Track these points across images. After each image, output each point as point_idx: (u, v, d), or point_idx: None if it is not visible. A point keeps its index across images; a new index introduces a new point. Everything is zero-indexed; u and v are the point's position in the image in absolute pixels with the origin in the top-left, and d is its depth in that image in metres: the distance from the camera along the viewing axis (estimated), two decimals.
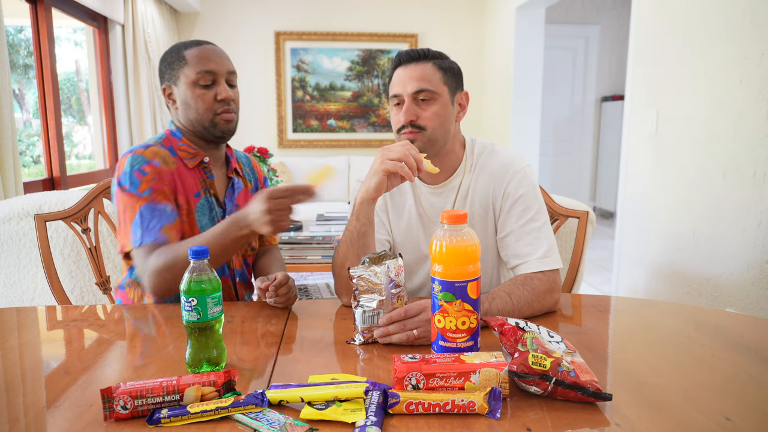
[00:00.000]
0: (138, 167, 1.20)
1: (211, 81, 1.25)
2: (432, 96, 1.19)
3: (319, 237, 2.49)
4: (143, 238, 1.16)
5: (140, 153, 1.23)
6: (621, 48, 5.61)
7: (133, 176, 1.20)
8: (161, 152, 1.25)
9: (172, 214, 1.22)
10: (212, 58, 1.25)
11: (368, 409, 0.72)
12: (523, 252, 1.20)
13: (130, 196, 1.19)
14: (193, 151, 1.30)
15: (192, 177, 1.29)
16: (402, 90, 1.20)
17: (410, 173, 1.09)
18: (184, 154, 1.29)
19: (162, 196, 1.21)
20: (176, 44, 1.30)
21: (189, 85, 1.25)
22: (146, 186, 1.19)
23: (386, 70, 5.08)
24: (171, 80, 1.28)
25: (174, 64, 1.27)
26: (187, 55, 1.25)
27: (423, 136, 1.20)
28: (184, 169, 1.28)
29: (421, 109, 1.20)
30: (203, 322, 0.85)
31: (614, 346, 1.03)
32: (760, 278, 1.97)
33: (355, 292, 1.00)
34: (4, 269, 1.83)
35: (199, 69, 1.23)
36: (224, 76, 1.26)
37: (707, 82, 2.24)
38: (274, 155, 4.48)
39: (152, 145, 1.26)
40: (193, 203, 1.27)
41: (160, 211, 1.19)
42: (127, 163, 1.21)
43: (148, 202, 1.18)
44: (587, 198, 6.03)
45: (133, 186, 1.19)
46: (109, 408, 0.72)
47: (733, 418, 0.72)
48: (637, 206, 2.78)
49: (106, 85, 3.77)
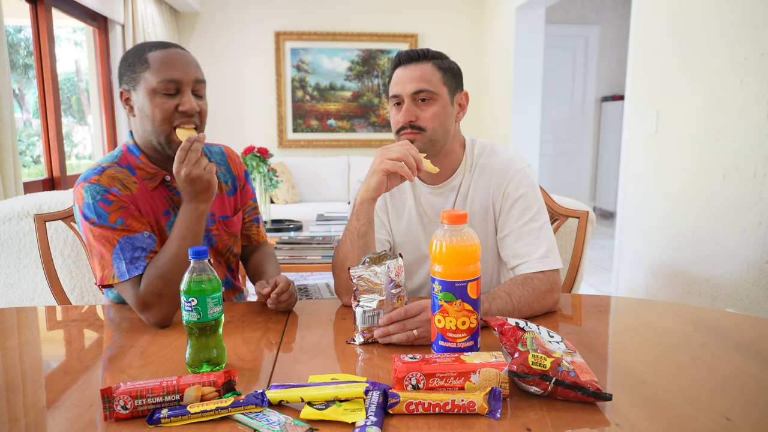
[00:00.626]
0: (99, 197, 1.10)
1: (175, 90, 1.12)
2: (431, 96, 1.19)
3: (319, 237, 2.49)
4: (130, 272, 1.09)
5: (96, 181, 1.12)
6: (621, 48, 5.61)
7: (98, 208, 1.10)
8: (118, 176, 1.15)
9: (150, 240, 1.13)
10: (177, 65, 1.12)
11: (368, 409, 0.72)
12: (523, 252, 1.20)
13: (103, 228, 1.10)
14: (152, 171, 1.19)
15: (157, 195, 1.20)
16: (401, 90, 1.20)
17: (410, 173, 1.09)
18: (143, 173, 1.19)
19: (136, 222, 1.13)
20: (140, 44, 1.17)
21: (149, 92, 1.12)
22: (116, 216, 1.10)
23: (386, 70, 5.08)
24: (129, 83, 1.15)
25: (135, 66, 1.13)
26: (150, 59, 1.12)
27: (423, 137, 1.20)
28: (146, 190, 1.19)
29: (420, 109, 1.19)
30: (203, 322, 0.85)
31: (614, 346, 1.03)
32: (760, 278, 1.97)
33: (356, 292, 1.00)
34: (4, 269, 1.83)
35: (161, 77, 1.11)
36: (190, 86, 1.14)
37: (707, 82, 2.24)
38: (274, 155, 4.48)
39: (107, 168, 1.15)
40: (163, 221, 1.20)
41: (139, 240, 1.11)
42: (86, 194, 1.11)
43: (124, 234, 1.10)
44: (587, 198, 6.03)
45: (102, 219, 1.10)
46: (109, 408, 0.72)
47: (733, 418, 0.72)
48: (637, 206, 2.78)
49: (106, 85, 3.77)
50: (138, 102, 1.14)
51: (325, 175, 4.81)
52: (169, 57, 1.13)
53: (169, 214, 1.22)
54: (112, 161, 1.18)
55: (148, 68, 1.12)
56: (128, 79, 1.15)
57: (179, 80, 1.12)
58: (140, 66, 1.13)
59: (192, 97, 1.14)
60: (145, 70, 1.12)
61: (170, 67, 1.12)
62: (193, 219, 1.11)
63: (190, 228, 1.11)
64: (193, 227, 1.11)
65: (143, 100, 1.13)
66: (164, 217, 1.21)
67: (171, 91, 1.12)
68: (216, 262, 1.34)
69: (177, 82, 1.12)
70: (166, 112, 1.12)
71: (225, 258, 1.37)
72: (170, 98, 1.12)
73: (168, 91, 1.12)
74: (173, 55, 1.14)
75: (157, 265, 1.09)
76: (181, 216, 1.11)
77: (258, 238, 1.47)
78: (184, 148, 1.06)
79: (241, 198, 1.40)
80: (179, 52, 1.16)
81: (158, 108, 1.12)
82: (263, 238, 1.49)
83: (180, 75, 1.12)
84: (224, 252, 1.35)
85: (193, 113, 1.14)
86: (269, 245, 1.52)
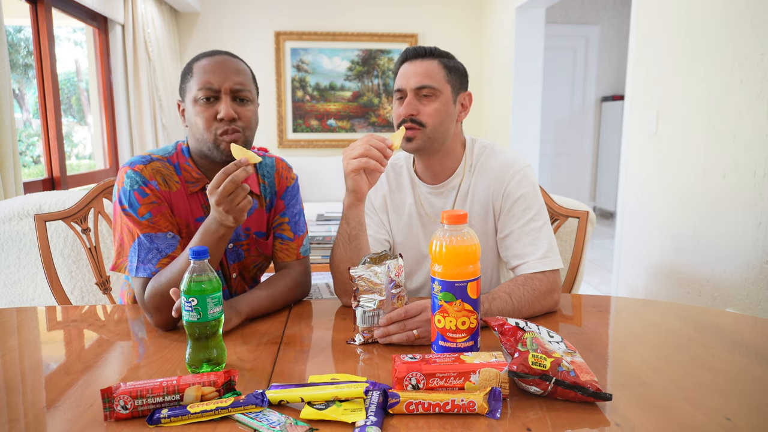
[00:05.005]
0: (137, 187, 1.11)
1: (214, 97, 1.11)
2: (434, 92, 1.20)
3: (319, 237, 2.49)
4: (138, 271, 1.09)
5: (140, 170, 1.12)
6: (621, 48, 5.61)
7: (131, 197, 1.10)
8: (163, 170, 1.15)
9: (173, 242, 1.12)
10: (216, 71, 1.11)
11: (368, 409, 0.72)
12: (523, 252, 1.20)
13: (130, 217, 1.10)
14: (197, 176, 1.18)
15: (194, 200, 1.19)
16: (405, 84, 1.21)
17: (377, 164, 1.10)
18: (187, 176, 1.18)
19: (164, 220, 1.12)
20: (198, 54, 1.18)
21: (192, 100, 1.12)
22: (146, 210, 1.10)
23: (386, 70, 5.08)
24: (181, 94, 1.17)
25: (185, 76, 1.15)
26: (195, 68, 1.13)
27: (423, 133, 1.20)
28: (186, 192, 1.18)
29: (422, 104, 1.20)
30: (203, 322, 0.85)
31: (614, 346, 1.03)
32: (760, 278, 1.97)
33: (356, 292, 1.00)
34: (4, 269, 1.83)
35: (200, 84, 1.10)
36: (228, 92, 1.11)
37: (707, 82, 2.24)
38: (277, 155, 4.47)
39: (156, 160, 1.16)
40: (193, 227, 1.18)
41: (160, 240, 1.11)
42: (127, 179, 1.12)
43: (147, 230, 1.10)
44: (587, 198, 6.03)
45: (132, 208, 1.10)
46: (110, 408, 0.72)
47: (733, 418, 0.72)
48: (637, 206, 2.78)
49: (106, 85, 3.77)
50: (186, 111, 1.16)
51: (325, 175, 4.80)
52: (209, 63, 1.12)
53: (202, 221, 1.17)
54: (162, 155, 1.18)
55: (192, 77, 1.13)
56: (181, 91, 1.17)
57: (215, 86, 1.10)
58: (188, 76, 1.14)
59: (230, 103, 1.11)
60: (190, 80, 1.13)
61: (208, 74, 1.11)
62: (212, 240, 1.05)
63: (207, 243, 1.05)
64: (210, 242, 1.05)
65: (189, 109, 1.14)
66: (196, 223, 1.18)
67: (210, 98, 1.11)
68: (240, 277, 1.29)
69: (214, 89, 1.10)
70: (207, 120, 1.11)
71: (252, 274, 1.32)
72: (210, 105, 1.11)
73: (207, 98, 1.11)
74: (213, 62, 1.13)
75: (161, 280, 1.05)
76: (202, 229, 1.06)
77: (282, 256, 1.30)
78: (226, 171, 0.99)
79: (273, 213, 1.31)
80: (220, 59, 1.14)
81: (199, 116, 1.11)
82: (291, 257, 1.30)
83: (216, 81, 1.10)
84: (251, 268, 1.30)
85: (230, 119, 1.11)
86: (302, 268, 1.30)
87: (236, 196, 0.99)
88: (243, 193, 1.00)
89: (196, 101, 1.11)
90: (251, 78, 1.18)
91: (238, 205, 1.00)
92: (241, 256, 1.27)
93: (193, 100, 1.12)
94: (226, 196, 0.98)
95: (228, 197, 0.99)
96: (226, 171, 0.98)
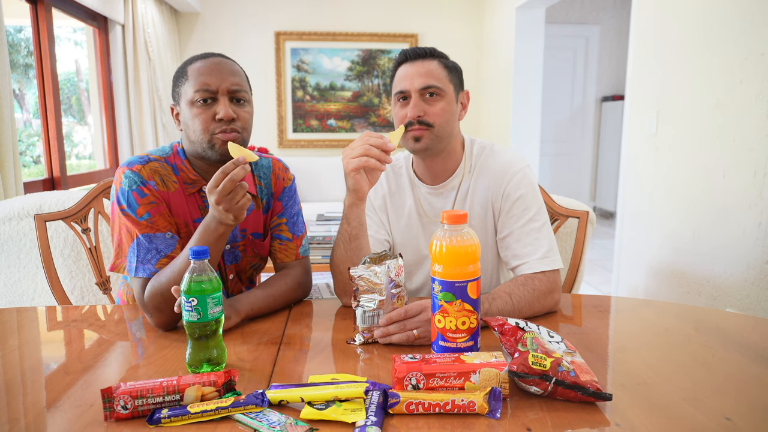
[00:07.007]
0: (136, 187, 1.11)
1: (211, 98, 1.11)
2: (439, 92, 1.20)
3: (319, 237, 2.49)
4: (137, 272, 1.09)
5: (138, 170, 1.12)
6: (621, 48, 5.61)
7: (130, 197, 1.10)
8: (161, 170, 1.15)
9: (171, 241, 1.12)
10: (212, 73, 1.11)
11: (368, 409, 0.72)
12: (523, 252, 1.20)
13: (128, 218, 1.10)
14: (194, 178, 1.18)
15: (192, 201, 1.19)
16: (409, 85, 1.20)
17: (377, 163, 1.09)
18: (184, 176, 1.18)
19: (163, 220, 1.12)
20: (188, 59, 1.18)
21: (188, 103, 1.12)
22: (144, 210, 1.10)
23: (386, 70, 5.08)
24: (175, 98, 1.17)
25: (179, 80, 1.15)
26: (189, 70, 1.13)
27: (431, 133, 1.20)
28: (184, 193, 1.18)
29: (428, 105, 1.20)
30: (203, 322, 0.85)
31: (614, 346, 1.03)
32: (760, 278, 1.97)
33: (356, 292, 1.00)
34: (4, 269, 1.83)
35: (196, 86, 1.10)
36: (225, 93, 1.11)
37: (707, 82, 2.24)
38: (275, 155, 4.47)
39: (153, 160, 1.16)
40: (192, 227, 1.18)
41: (159, 240, 1.11)
42: (125, 180, 1.11)
43: (146, 230, 1.10)
44: (587, 198, 6.03)
45: (131, 208, 1.10)
46: (110, 408, 0.72)
47: (733, 418, 0.72)
48: (637, 206, 2.78)
49: (106, 85, 3.77)
50: (182, 114, 1.15)
51: (325, 175, 4.80)
52: (205, 66, 1.12)
53: (198, 223, 1.18)
54: (160, 155, 1.18)
55: (186, 80, 1.13)
56: (174, 94, 1.17)
57: (213, 88, 1.10)
58: (182, 79, 1.14)
59: (228, 103, 1.11)
60: (184, 83, 1.13)
61: (205, 76, 1.11)
62: (211, 239, 1.05)
63: (206, 242, 1.05)
64: (209, 241, 1.05)
65: (185, 111, 1.13)
66: (194, 224, 1.18)
67: (207, 100, 1.11)
68: (236, 278, 1.29)
69: (211, 90, 1.10)
70: (205, 121, 1.11)
71: (248, 275, 1.32)
72: (208, 107, 1.11)
73: (204, 100, 1.11)
74: (209, 64, 1.13)
75: (161, 280, 1.05)
76: (201, 228, 1.05)
77: (281, 257, 1.30)
78: (225, 170, 0.99)
79: (271, 215, 1.31)
80: (215, 60, 1.14)
81: (197, 118, 1.11)
82: (290, 257, 1.30)
83: (214, 82, 1.10)
84: (247, 269, 1.31)
85: (230, 120, 1.11)
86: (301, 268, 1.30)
87: (235, 195, 0.99)
88: (242, 191, 1.00)
89: (193, 103, 1.11)
90: (246, 79, 1.19)
91: (237, 203, 1.00)
92: (238, 258, 1.27)
93: (190, 102, 1.11)
94: (226, 195, 0.99)
95: (227, 196, 0.99)
96: (224, 170, 0.99)
